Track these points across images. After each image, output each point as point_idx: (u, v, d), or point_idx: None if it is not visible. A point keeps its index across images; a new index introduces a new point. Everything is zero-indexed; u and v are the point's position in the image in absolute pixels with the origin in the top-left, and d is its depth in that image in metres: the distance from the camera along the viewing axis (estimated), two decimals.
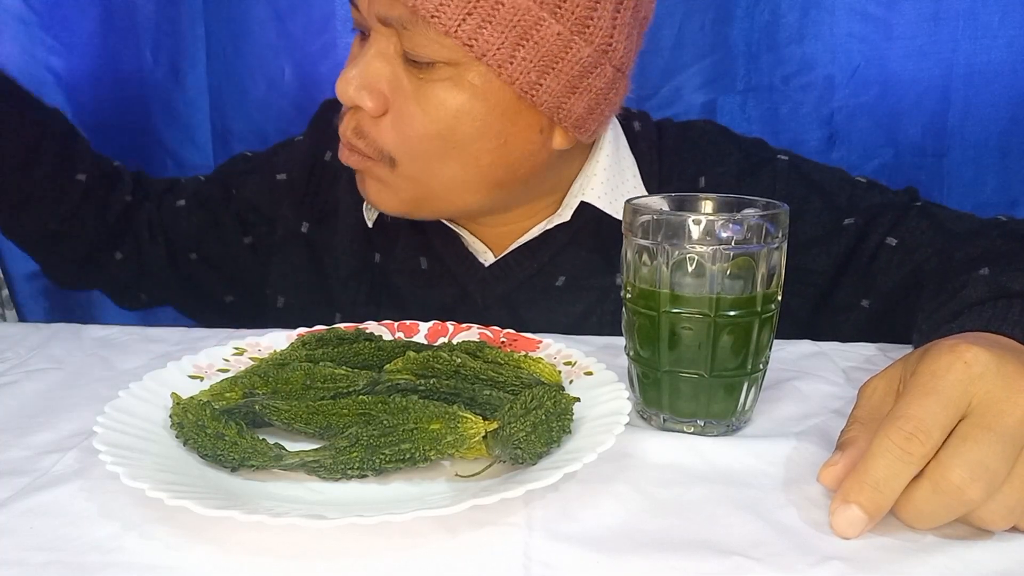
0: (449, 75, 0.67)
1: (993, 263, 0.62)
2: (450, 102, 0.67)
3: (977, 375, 0.42)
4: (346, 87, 0.68)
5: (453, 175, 0.71)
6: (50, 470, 0.49)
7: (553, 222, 0.78)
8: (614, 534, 0.43)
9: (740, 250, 0.50)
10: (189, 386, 0.56)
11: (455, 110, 0.68)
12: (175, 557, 0.40)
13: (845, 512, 0.41)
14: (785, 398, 0.59)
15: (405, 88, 0.68)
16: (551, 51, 0.66)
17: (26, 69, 1.14)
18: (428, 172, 0.71)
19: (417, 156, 0.70)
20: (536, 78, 0.66)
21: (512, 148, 0.71)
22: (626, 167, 0.80)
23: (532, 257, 0.80)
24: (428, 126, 0.68)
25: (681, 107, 1.15)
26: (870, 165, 1.14)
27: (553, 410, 0.47)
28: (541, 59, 0.66)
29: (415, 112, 0.68)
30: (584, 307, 0.80)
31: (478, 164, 0.70)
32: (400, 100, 0.68)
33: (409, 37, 0.66)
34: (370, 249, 0.86)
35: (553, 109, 0.69)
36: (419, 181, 0.72)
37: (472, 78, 0.67)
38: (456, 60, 0.66)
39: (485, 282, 0.81)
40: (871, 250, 0.77)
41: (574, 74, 0.67)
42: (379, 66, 0.68)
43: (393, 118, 0.69)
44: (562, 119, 0.70)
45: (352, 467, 0.45)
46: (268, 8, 1.15)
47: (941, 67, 1.10)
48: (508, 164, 0.71)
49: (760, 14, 1.11)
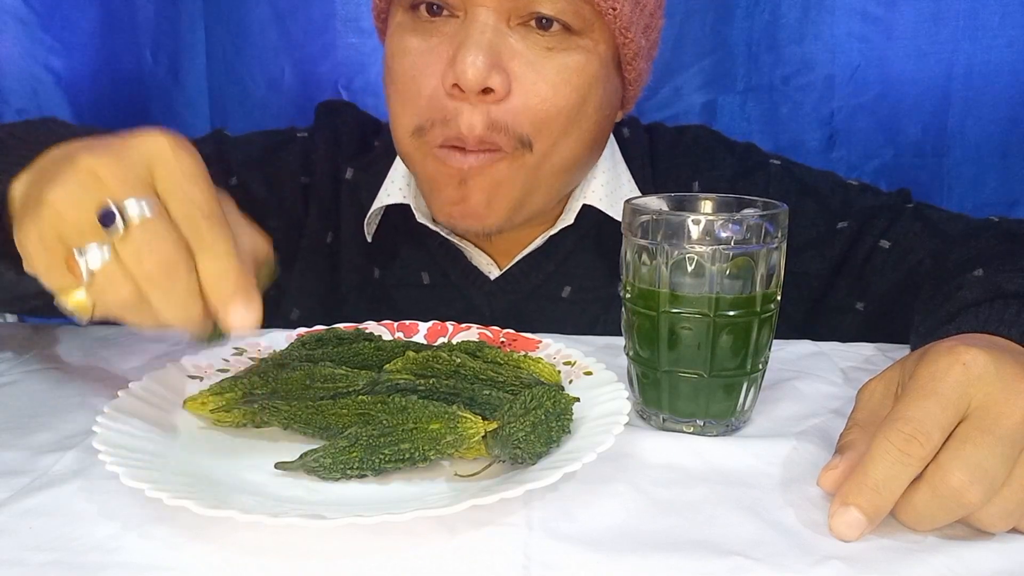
0: (576, 44, 0.65)
1: (987, 264, 0.62)
2: (588, 69, 0.65)
3: (976, 377, 0.42)
4: (469, 71, 0.61)
5: (569, 152, 0.68)
6: (49, 470, 0.49)
7: (558, 226, 0.77)
8: (613, 534, 0.43)
9: (739, 250, 0.50)
10: (188, 386, 0.56)
11: (592, 77, 0.66)
12: (175, 557, 0.40)
13: (845, 514, 0.41)
14: (784, 398, 0.59)
15: (533, 62, 0.64)
16: (648, 16, 0.68)
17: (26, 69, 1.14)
18: (554, 151, 0.67)
19: (552, 135, 0.66)
20: (642, 42, 0.68)
21: (609, 119, 0.71)
22: (621, 172, 0.81)
23: (538, 267, 0.79)
24: (569, 95, 0.65)
25: (681, 107, 1.15)
26: (870, 165, 1.14)
27: (553, 410, 0.47)
28: (644, 24, 0.67)
29: (553, 83, 0.64)
30: (590, 317, 0.80)
31: (587, 137, 0.68)
32: (532, 75, 0.64)
33: (538, 2, 0.63)
34: (370, 264, 0.84)
35: (636, 77, 0.70)
36: (538, 169, 0.68)
37: (595, 45, 0.66)
38: (583, 27, 0.64)
39: (492, 295, 0.80)
40: (865, 253, 0.77)
41: (653, 41, 0.70)
42: (501, 43, 0.64)
43: (524, 96, 0.64)
44: (633, 89, 0.72)
45: (351, 467, 0.46)
46: (268, 8, 1.15)
47: (941, 67, 1.10)
48: (602, 137, 0.71)
49: (760, 14, 1.11)
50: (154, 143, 0.43)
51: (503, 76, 0.63)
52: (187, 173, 0.43)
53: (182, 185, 0.42)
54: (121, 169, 0.42)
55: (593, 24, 0.65)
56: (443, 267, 0.81)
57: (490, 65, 0.62)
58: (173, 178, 0.42)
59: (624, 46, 0.67)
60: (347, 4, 1.13)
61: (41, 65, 1.15)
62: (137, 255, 0.41)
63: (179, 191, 0.42)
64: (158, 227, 0.41)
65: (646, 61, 0.72)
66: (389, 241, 0.82)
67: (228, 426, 0.52)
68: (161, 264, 0.41)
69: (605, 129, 0.72)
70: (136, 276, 0.42)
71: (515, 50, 0.64)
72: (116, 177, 0.42)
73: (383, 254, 0.83)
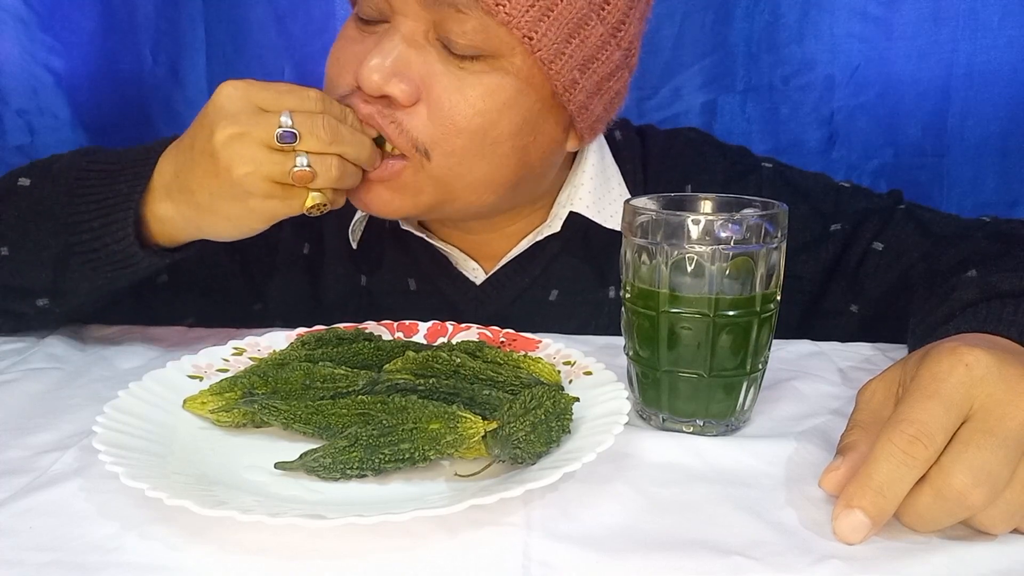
0: (493, 67, 0.64)
1: (980, 264, 0.62)
2: (499, 94, 0.65)
3: (979, 378, 0.42)
4: (372, 74, 0.62)
5: (482, 173, 0.68)
6: (49, 470, 0.49)
7: (542, 233, 0.77)
8: (613, 534, 0.43)
9: (739, 250, 0.50)
10: (188, 386, 0.56)
11: (502, 103, 0.65)
12: (175, 557, 0.40)
13: (848, 517, 0.41)
14: (784, 398, 0.59)
15: (443, 78, 0.64)
16: (591, 51, 0.66)
17: (26, 69, 1.14)
18: (459, 170, 0.66)
19: (453, 151, 0.65)
20: (576, 76, 0.66)
21: (538, 147, 0.69)
22: (611, 175, 0.80)
23: (524, 271, 0.79)
24: (473, 119, 0.64)
25: (681, 107, 1.15)
26: (870, 165, 1.14)
27: (552, 410, 0.47)
28: (582, 57, 0.66)
29: (458, 103, 0.64)
30: (578, 322, 0.79)
31: (506, 162, 0.68)
32: (438, 90, 0.64)
33: (453, 23, 0.62)
34: (356, 271, 0.84)
35: (580, 109, 0.68)
36: (444, 181, 0.67)
37: (516, 71, 0.65)
38: (499, 52, 0.64)
39: (478, 300, 0.80)
40: (858, 255, 0.78)
41: (602, 75, 0.68)
42: (410, 53, 0.63)
43: (431, 109, 0.64)
44: (583, 120, 0.70)
45: (351, 467, 0.46)
46: (268, 8, 1.15)
47: (941, 67, 1.10)
48: (530, 163, 0.70)
49: (760, 14, 1.11)
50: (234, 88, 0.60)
51: (408, 86, 0.63)
52: (281, 88, 0.61)
53: (289, 93, 0.61)
54: (250, 107, 0.59)
55: (513, 48, 0.64)
56: (429, 273, 0.81)
57: (392, 73, 0.62)
58: (279, 91, 0.60)
59: (553, 77, 0.65)
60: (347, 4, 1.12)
61: (41, 65, 1.15)
62: (320, 139, 0.59)
63: (288, 98, 0.60)
64: (307, 118, 0.59)
65: (592, 97, 0.69)
66: (375, 248, 0.82)
67: (228, 426, 0.53)
68: (333, 130, 0.60)
69: (539, 155, 0.70)
70: (331, 149, 0.60)
71: (429, 64, 0.64)
72: (255, 113, 0.59)
73: (369, 262, 0.83)
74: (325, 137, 0.59)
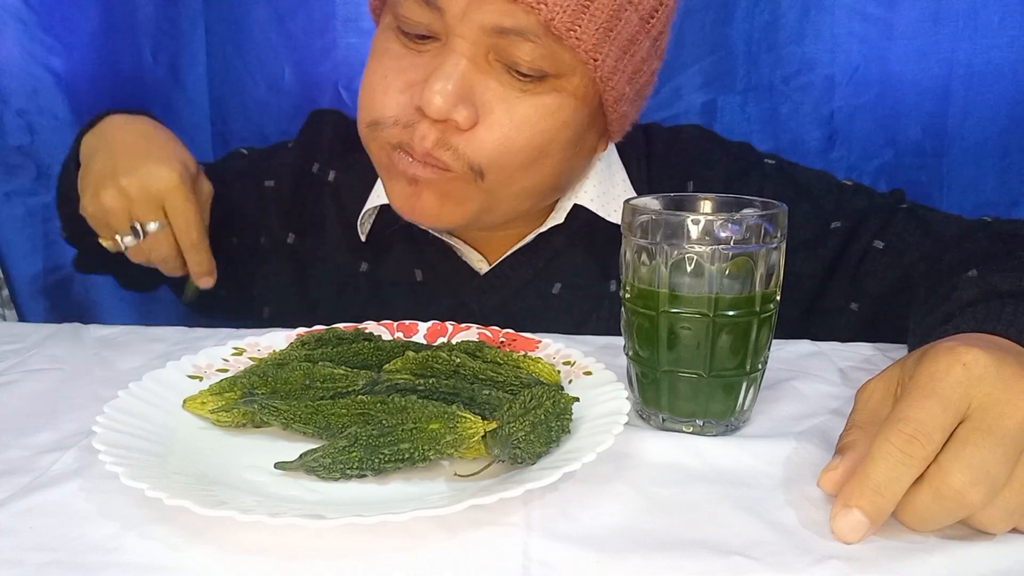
0: (553, 87, 0.65)
1: (981, 264, 0.62)
2: (558, 114, 0.66)
3: (977, 377, 0.42)
4: (435, 98, 0.62)
5: (529, 184, 0.69)
6: (49, 470, 0.49)
7: (547, 225, 0.78)
8: (613, 534, 0.43)
9: (739, 250, 0.50)
10: (188, 386, 0.56)
11: (561, 122, 0.66)
12: (175, 557, 0.40)
13: (847, 517, 0.41)
14: (784, 398, 0.59)
15: (504, 101, 0.65)
16: (637, 64, 0.68)
17: (26, 69, 1.14)
18: (509, 183, 0.68)
19: (508, 167, 0.67)
20: (626, 89, 0.68)
21: (579, 155, 0.71)
22: (616, 171, 0.81)
23: (527, 263, 0.80)
24: (532, 138, 0.66)
25: (681, 107, 1.15)
26: (870, 165, 1.14)
27: (552, 410, 0.47)
28: (631, 71, 0.67)
29: (518, 125, 0.65)
30: (580, 314, 0.80)
31: (552, 172, 0.69)
32: (499, 112, 0.65)
33: (517, 47, 0.63)
34: (358, 261, 0.85)
35: (620, 117, 0.70)
36: (494, 193, 0.68)
37: (573, 89, 0.66)
38: (561, 72, 0.65)
39: (481, 291, 0.81)
40: (859, 254, 0.78)
41: (642, 84, 0.70)
42: (472, 75, 0.64)
43: (490, 132, 0.65)
44: (618, 126, 0.72)
45: (351, 467, 0.46)
46: (268, 8, 1.15)
47: (941, 67, 1.10)
48: (569, 170, 0.71)
49: (760, 14, 1.11)
50: (169, 179, 0.74)
51: (470, 110, 0.64)
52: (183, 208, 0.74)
53: (181, 213, 0.75)
54: (145, 197, 0.73)
55: (574, 68, 0.65)
56: (434, 264, 0.82)
57: (457, 98, 0.63)
58: (175, 208, 0.74)
59: (606, 92, 0.67)
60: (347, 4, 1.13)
61: (41, 65, 1.15)
62: (148, 252, 0.76)
63: (178, 218, 0.75)
64: (160, 238, 0.75)
65: (631, 104, 0.72)
66: (381, 239, 0.83)
67: (228, 426, 0.53)
68: (161, 258, 0.76)
69: (579, 162, 0.73)
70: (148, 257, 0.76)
71: (488, 85, 0.65)
72: (143, 202, 0.73)
73: (375, 252, 0.84)
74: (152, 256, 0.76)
